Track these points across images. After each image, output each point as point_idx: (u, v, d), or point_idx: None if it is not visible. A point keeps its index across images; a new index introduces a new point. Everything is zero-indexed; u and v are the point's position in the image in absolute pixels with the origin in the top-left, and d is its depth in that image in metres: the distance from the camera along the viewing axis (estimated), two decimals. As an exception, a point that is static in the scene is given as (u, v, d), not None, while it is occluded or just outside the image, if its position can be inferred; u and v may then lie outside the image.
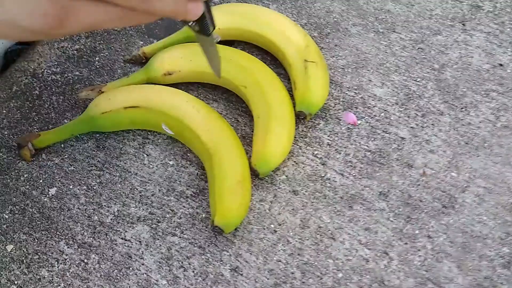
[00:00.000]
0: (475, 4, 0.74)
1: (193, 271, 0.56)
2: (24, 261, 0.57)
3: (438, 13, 0.73)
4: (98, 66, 0.72)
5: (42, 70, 0.72)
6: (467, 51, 0.69)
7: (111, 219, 0.60)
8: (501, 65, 0.67)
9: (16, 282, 0.56)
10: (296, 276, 0.55)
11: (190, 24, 0.43)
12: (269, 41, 0.67)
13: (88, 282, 0.56)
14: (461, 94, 0.66)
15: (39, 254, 0.58)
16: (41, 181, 0.63)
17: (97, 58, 0.73)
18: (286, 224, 0.58)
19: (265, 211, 0.59)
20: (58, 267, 0.57)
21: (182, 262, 0.56)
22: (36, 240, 0.59)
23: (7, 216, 0.60)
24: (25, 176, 0.63)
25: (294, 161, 0.62)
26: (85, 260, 0.57)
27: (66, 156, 0.64)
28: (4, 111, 0.69)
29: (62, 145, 0.65)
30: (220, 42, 0.67)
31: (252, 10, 0.69)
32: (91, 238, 0.58)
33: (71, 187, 0.62)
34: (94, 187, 0.62)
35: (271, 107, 0.60)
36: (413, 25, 0.73)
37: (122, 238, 0.58)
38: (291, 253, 0.56)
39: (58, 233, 0.59)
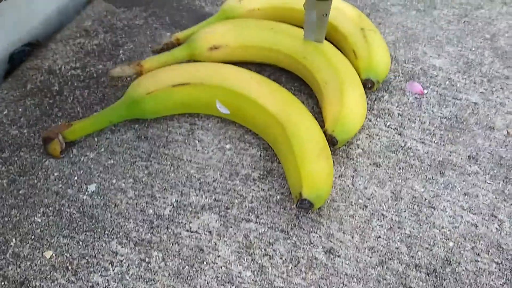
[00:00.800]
0: (507, -20, 0.73)
1: (281, 258, 0.47)
2: (69, 267, 0.46)
3: (474, -10, 0.72)
4: (124, 59, 0.64)
5: (59, 66, 0.64)
6: (514, 21, 0.67)
7: (169, 211, 0.50)
8: (551, 30, 0.66)
9: (62, 293, 0.45)
10: (402, 251, 0.47)
11: None
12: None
13: (155, 283, 0.45)
14: (521, 58, 0.63)
15: (86, 258, 0.47)
16: (75, 178, 0.53)
17: (121, 51, 0.65)
18: (375, 198, 0.51)
19: (348, 187, 0.52)
20: (113, 270, 0.46)
21: (265, 250, 0.47)
22: (80, 243, 0.48)
23: (39, 220, 0.49)
24: (55, 174, 0.53)
25: (367, 134, 0.56)
26: (146, 259, 0.47)
27: (102, 150, 0.55)
28: (20, 109, 0.59)
29: (96, 139, 0.56)
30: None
31: None
32: (149, 234, 0.48)
33: (114, 181, 0.52)
34: (143, 179, 0.52)
35: (339, 71, 0.55)
36: (453, 2, 0.71)
37: (187, 230, 0.49)
38: (390, 227, 0.49)
39: (106, 232, 0.49)
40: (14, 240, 0.48)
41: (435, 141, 0.55)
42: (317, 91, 0.57)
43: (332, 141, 0.52)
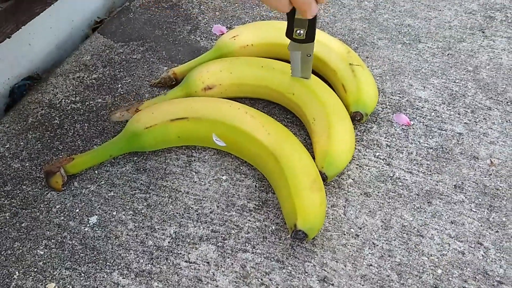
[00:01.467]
0: (487, 15, 0.77)
1: (277, 287, 0.48)
2: (72, 299, 0.48)
3: (456, 24, 0.76)
4: (122, 93, 0.67)
5: (60, 100, 0.66)
6: (495, 54, 0.71)
7: (168, 242, 0.52)
8: (530, 63, 0.69)
9: (66, 324, 0.46)
10: (393, 279, 0.49)
11: (297, 32, 0.51)
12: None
13: (156, 313, 0.47)
14: (502, 90, 0.66)
15: (88, 289, 0.48)
16: (77, 210, 0.54)
17: (119, 85, 0.68)
18: (367, 227, 0.53)
19: (340, 216, 0.54)
20: (115, 301, 0.48)
21: (261, 279, 0.49)
22: (82, 275, 0.49)
23: (42, 252, 0.51)
24: (57, 207, 0.55)
25: (357, 164, 0.58)
26: (147, 290, 0.48)
27: (102, 182, 0.57)
28: (22, 143, 0.61)
29: (96, 172, 0.58)
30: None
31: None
32: (149, 265, 0.50)
33: (114, 213, 0.54)
34: (142, 211, 0.54)
35: (327, 107, 0.57)
36: (436, 35, 0.74)
37: (186, 261, 0.50)
38: (381, 255, 0.51)
39: (108, 263, 0.50)
40: (17, 272, 0.49)
41: (422, 171, 0.57)
42: (307, 126, 0.59)
43: (322, 177, 0.54)
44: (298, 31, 0.51)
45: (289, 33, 0.52)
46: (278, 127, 0.56)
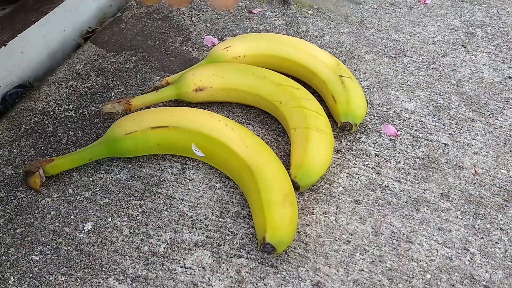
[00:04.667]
0: (468, 31, 0.80)
1: (272, 292, 0.49)
2: (68, 304, 0.48)
3: (439, 39, 0.79)
4: (115, 101, 0.67)
5: (53, 108, 0.66)
6: (477, 68, 0.74)
7: (164, 248, 0.52)
8: (510, 77, 0.72)
9: (63, 329, 0.46)
10: (384, 283, 0.50)
11: None
12: (297, 63, 0.67)
13: (152, 318, 0.47)
14: (484, 103, 0.69)
15: (84, 295, 0.49)
16: (72, 217, 0.55)
17: (112, 94, 0.68)
18: (357, 233, 0.54)
19: (332, 223, 0.55)
20: (111, 306, 0.48)
21: (256, 284, 0.50)
22: (78, 280, 0.50)
23: (37, 258, 0.51)
24: (52, 213, 0.55)
25: (347, 173, 0.60)
26: (143, 295, 0.49)
27: (97, 189, 0.57)
28: (15, 149, 0.61)
29: (91, 179, 0.58)
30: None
31: (278, 36, 0.70)
32: (145, 271, 0.51)
33: (109, 219, 0.55)
34: (137, 217, 0.55)
35: (307, 118, 0.59)
36: (421, 50, 0.77)
37: (181, 267, 0.51)
38: (372, 261, 0.52)
39: (104, 269, 0.51)
40: (12, 278, 0.49)
41: (410, 180, 0.59)
42: (288, 135, 0.61)
43: (295, 186, 0.55)
44: None
45: None
46: (256, 141, 0.57)
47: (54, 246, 0.52)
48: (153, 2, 0.47)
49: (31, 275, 0.50)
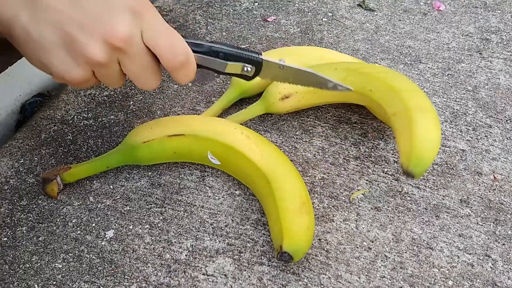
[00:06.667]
0: (483, 37, 0.80)
1: (294, 299, 0.50)
2: (92, 312, 0.48)
3: (454, 46, 0.79)
4: (134, 109, 0.68)
5: (72, 116, 0.67)
6: (492, 74, 0.74)
7: (186, 255, 0.53)
8: (526, 83, 0.72)
9: (88, 336, 0.47)
10: (406, 290, 0.50)
11: (246, 70, 0.51)
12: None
13: (176, 325, 0.47)
14: (501, 109, 0.69)
15: (108, 302, 0.49)
16: (93, 224, 0.55)
17: (131, 102, 0.69)
18: (378, 240, 0.54)
19: (352, 230, 0.55)
20: (135, 313, 0.48)
21: (278, 291, 0.50)
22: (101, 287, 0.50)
23: (60, 266, 0.52)
24: (74, 221, 0.55)
25: (367, 180, 0.60)
26: (166, 302, 0.49)
27: (118, 197, 0.58)
28: (36, 158, 0.61)
29: (111, 187, 0.59)
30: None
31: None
32: (167, 278, 0.51)
33: (131, 227, 0.55)
34: (159, 225, 0.55)
35: (408, 100, 0.55)
36: (436, 56, 0.77)
37: (203, 274, 0.51)
38: (393, 267, 0.52)
39: (126, 277, 0.51)
40: (36, 286, 0.50)
41: (429, 186, 0.59)
42: (389, 124, 0.60)
43: (409, 175, 0.51)
44: (246, 68, 0.52)
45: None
46: (272, 149, 0.57)
47: (76, 254, 0.53)
48: (116, 86, 0.48)
49: (54, 283, 0.50)
